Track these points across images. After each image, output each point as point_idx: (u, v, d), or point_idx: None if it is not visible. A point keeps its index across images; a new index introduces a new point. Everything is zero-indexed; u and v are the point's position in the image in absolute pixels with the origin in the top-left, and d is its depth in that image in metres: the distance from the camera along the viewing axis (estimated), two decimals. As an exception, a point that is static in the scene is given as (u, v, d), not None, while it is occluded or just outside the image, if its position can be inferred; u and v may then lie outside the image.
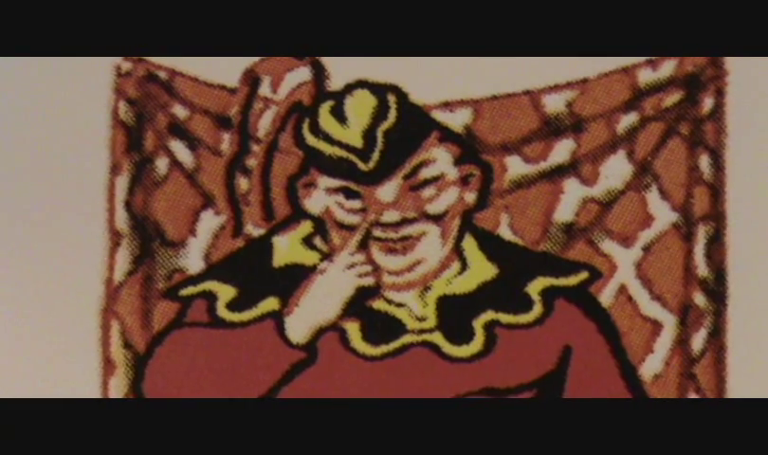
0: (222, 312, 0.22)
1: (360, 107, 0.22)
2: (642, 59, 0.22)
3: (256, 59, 0.23)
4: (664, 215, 0.22)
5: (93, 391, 0.22)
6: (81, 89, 0.22)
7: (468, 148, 0.22)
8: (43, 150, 0.22)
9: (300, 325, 0.22)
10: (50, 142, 0.22)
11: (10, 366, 0.23)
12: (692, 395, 0.22)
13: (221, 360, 0.22)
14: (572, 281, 0.22)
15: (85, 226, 0.22)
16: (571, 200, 0.22)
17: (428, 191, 0.22)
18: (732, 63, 0.22)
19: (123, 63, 0.22)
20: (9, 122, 0.22)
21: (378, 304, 0.22)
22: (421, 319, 0.23)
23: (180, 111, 0.22)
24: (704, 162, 0.22)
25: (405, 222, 0.22)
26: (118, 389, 0.22)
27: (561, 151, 0.22)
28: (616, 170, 0.22)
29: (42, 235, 0.22)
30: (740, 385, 0.22)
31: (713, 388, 0.22)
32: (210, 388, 0.22)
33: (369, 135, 0.22)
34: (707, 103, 0.22)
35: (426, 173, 0.22)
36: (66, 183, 0.22)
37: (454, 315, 0.22)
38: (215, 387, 0.22)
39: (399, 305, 0.23)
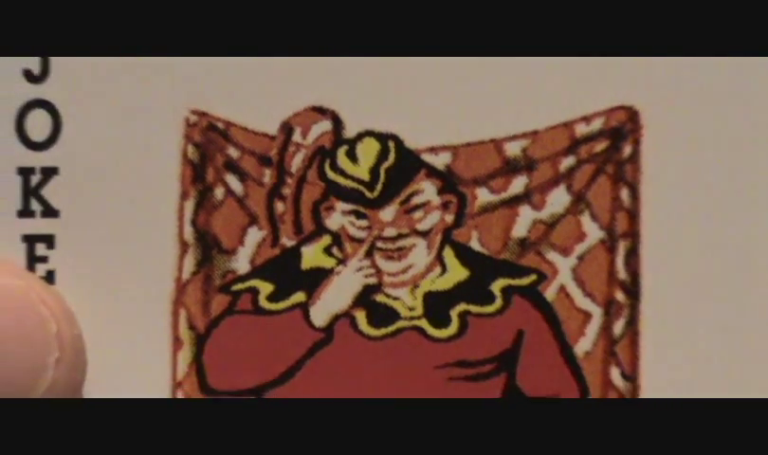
0: (263, 303, 0.25)
1: (368, 150, 0.25)
2: (578, 116, 0.25)
3: (290, 113, 0.27)
4: (594, 233, 0.25)
5: (164, 362, 0.25)
6: (157, 135, 0.24)
7: (448, 181, 0.25)
8: (130, 181, 0.25)
9: (321, 313, 0.25)
10: (136, 175, 0.25)
11: (101, 344, 0.25)
12: (613, 368, 0.25)
13: (261, 338, 0.25)
14: (524, 281, 0.25)
15: (161, 238, 0.25)
16: (524, 221, 0.25)
17: (417, 214, 0.25)
18: (647, 119, 0.25)
19: (191, 116, 0.25)
20: (106, 162, 0.25)
21: (380, 298, 0.25)
22: (411, 309, 0.25)
23: (233, 152, 0.25)
24: (625, 194, 0.25)
25: (400, 236, 0.25)
26: (184, 360, 0.25)
27: (517, 184, 0.25)
28: (559, 199, 0.25)
29: (126, 246, 0.25)
30: (651, 361, 0.25)
31: (629, 363, 0.25)
32: (252, 359, 0.25)
33: (374, 171, 0.25)
34: (627, 150, 0.25)
35: (416, 200, 0.25)
36: (146, 206, 0.25)
37: (436, 306, 0.25)
38: (256, 358, 0.25)
39: (395, 299, 0.25)
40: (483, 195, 0.25)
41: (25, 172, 0.23)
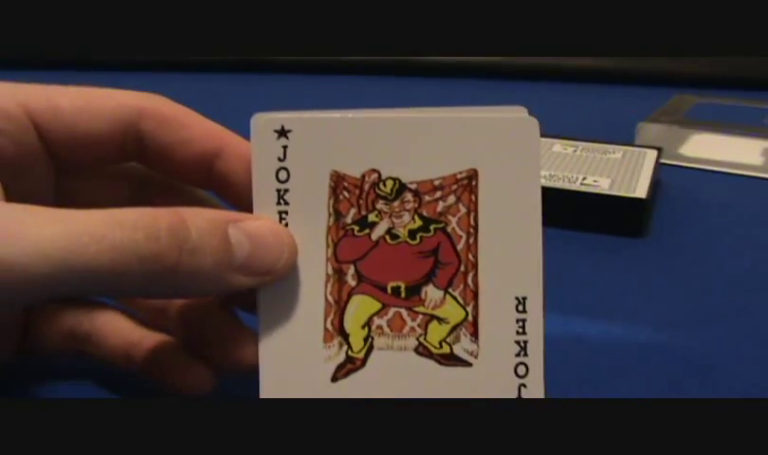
0: (356, 233, 0.42)
1: (390, 183, 0.42)
2: (457, 171, 0.46)
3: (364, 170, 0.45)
4: (463, 209, 0.41)
5: (322, 251, 0.43)
6: (321, 179, 0.43)
7: (416, 194, 0.43)
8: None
9: (375, 235, 0.42)
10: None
11: (300, 243, 0.43)
12: (469, 253, 0.44)
13: (355, 245, 0.42)
14: (441, 225, 0.44)
15: (322, 210, 0.44)
16: (441, 206, 0.42)
17: (406, 204, 0.44)
18: (481, 172, 0.45)
19: (332, 172, 0.43)
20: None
21: (394, 231, 0.42)
22: (404, 234, 0.48)
23: (346, 183, 0.44)
24: (473, 197, 0.42)
25: (401, 211, 0.45)
26: (329, 252, 0.43)
27: (438, 195, 0.42)
28: (451, 199, 0.44)
29: (315, 216, 0.43)
30: (483, 249, 0.44)
31: (474, 250, 0.44)
32: (352, 250, 0.42)
33: (392, 190, 0.42)
34: (474, 183, 0.42)
35: (405, 200, 0.42)
36: (314, 201, 0.44)
37: (413, 233, 0.43)
38: (353, 249, 0.42)
39: (399, 231, 0.49)
40: (427, 198, 0.40)
41: (278, 192, 0.42)
